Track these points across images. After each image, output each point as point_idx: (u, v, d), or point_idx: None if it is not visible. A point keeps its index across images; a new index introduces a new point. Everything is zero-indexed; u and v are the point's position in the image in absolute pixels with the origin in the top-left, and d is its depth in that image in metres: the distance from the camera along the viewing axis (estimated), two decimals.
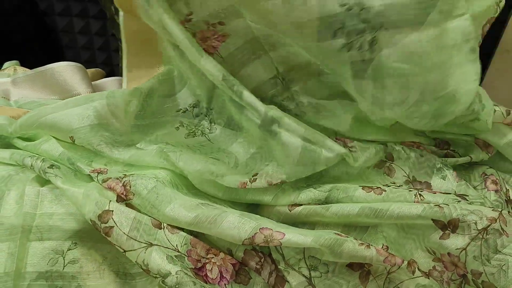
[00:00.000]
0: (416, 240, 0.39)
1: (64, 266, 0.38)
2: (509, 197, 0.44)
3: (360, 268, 0.38)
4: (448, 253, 0.37)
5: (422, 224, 0.38)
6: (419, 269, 0.38)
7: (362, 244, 0.36)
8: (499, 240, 0.36)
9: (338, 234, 0.36)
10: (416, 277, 0.38)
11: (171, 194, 0.39)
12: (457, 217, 0.37)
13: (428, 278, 0.37)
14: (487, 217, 0.37)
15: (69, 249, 0.39)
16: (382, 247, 0.38)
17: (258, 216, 0.39)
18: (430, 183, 0.44)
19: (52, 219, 0.39)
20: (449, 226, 0.37)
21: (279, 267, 0.38)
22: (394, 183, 0.44)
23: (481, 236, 0.36)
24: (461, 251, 0.37)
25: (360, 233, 0.40)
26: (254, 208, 0.42)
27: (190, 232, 0.38)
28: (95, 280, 0.38)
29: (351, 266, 0.38)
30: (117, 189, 0.39)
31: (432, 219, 0.37)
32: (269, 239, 0.35)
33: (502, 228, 0.36)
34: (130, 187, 0.39)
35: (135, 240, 0.37)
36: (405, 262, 0.37)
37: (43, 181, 0.41)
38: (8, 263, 0.37)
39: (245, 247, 0.38)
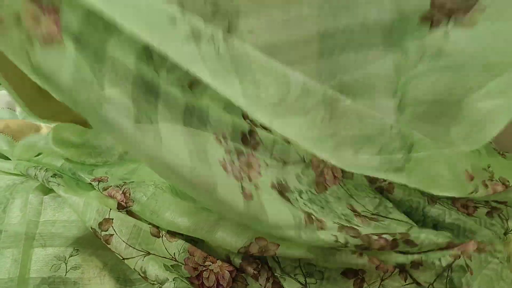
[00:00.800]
0: None
1: (66, 272, 0.39)
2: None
3: (354, 276, 0.38)
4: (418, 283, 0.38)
5: None
6: (411, 276, 0.39)
7: (355, 252, 0.36)
8: (464, 279, 0.36)
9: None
10: (408, 284, 0.38)
11: (170, 200, 0.40)
12: (419, 257, 0.37)
13: (420, 285, 0.38)
14: (450, 254, 0.37)
15: (71, 256, 0.40)
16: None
17: None
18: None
19: (55, 226, 0.41)
20: (413, 266, 0.38)
21: (275, 274, 0.38)
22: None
23: (446, 274, 0.37)
24: (428, 285, 0.37)
25: None
26: None
27: (189, 239, 0.39)
28: (96, 286, 0.39)
29: (346, 274, 0.38)
30: (117, 197, 0.40)
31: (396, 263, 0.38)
32: (264, 250, 0.36)
33: (466, 264, 0.36)
34: (129, 194, 0.40)
35: (134, 248, 0.38)
36: (397, 270, 0.38)
37: (46, 190, 0.43)
38: (12, 269, 0.38)
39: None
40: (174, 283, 0.36)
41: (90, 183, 0.43)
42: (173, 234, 0.39)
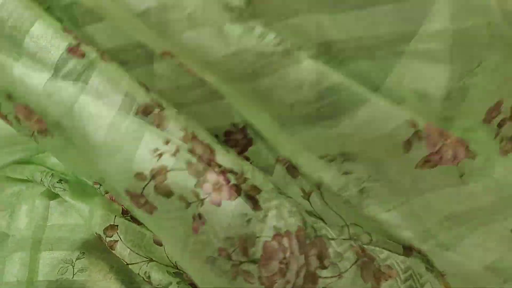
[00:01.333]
0: None
1: (73, 275, 0.40)
2: None
3: None
4: None
5: None
6: None
7: None
8: None
9: None
10: None
11: None
12: None
13: None
14: None
15: (78, 259, 0.41)
16: None
17: None
18: None
19: (61, 230, 0.42)
20: None
21: None
22: None
23: None
24: None
25: None
26: None
27: None
28: None
29: None
30: (117, 200, 0.41)
31: None
32: None
33: None
34: None
35: (138, 254, 0.38)
36: None
37: (52, 195, 0.44)
38: (20, 273, 0.39)
39: None
40: (178, 286, 0.37)
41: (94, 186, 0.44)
42: None
